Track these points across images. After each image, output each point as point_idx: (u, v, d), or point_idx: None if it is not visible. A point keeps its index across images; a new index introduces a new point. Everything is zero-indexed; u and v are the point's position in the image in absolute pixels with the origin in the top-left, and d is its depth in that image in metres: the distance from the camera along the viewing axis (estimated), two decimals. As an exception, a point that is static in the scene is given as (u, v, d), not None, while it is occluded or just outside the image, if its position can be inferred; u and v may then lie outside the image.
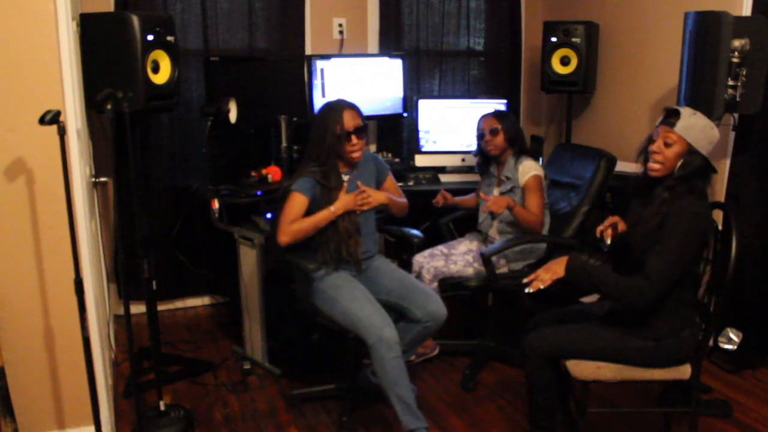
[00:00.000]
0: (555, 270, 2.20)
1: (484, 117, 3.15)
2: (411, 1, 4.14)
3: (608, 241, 2.30)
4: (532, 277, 2.22)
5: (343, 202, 2.56)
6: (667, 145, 2.14)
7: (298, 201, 2.53)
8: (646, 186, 2.24)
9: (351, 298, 2.50)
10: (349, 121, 2.55)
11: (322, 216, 2.54)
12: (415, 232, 2.97)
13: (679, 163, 2.13)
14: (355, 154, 2.59)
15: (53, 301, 2.33)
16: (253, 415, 2.79)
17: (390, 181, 2.83)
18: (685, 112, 2.14)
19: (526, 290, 2.20)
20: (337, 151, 2.57)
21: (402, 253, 3.50)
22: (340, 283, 2.56)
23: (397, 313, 2.60)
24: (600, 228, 2.34)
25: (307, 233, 2.54)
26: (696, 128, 2.12)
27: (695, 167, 2.11)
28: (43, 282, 2.32)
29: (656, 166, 2.16)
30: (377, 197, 2.65)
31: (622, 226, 2.33)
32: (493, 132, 3.07)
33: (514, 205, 2.92)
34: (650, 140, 2.19)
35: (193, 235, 3.76)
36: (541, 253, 3.08)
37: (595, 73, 3.93)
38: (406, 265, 3.07)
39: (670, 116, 2.16)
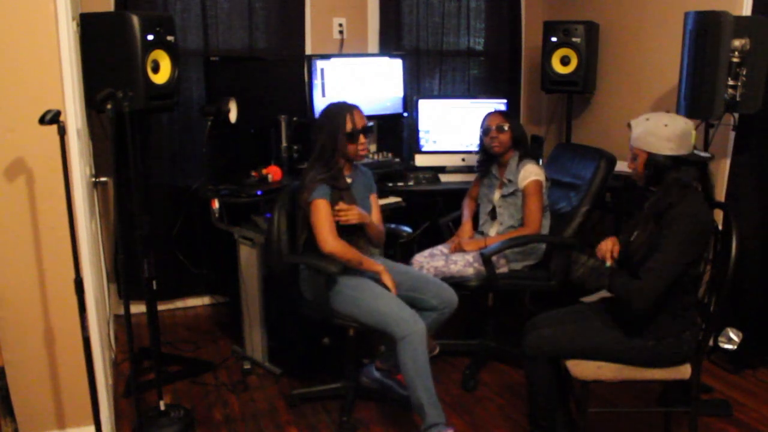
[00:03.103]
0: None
1: (491, 114, 3.15)
2: (411, 1, 4.13)
3: (609, 263, 2.31)
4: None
5: (389, 275, 2.58)
6: (633, 159, 2.21)
7: (326, 207, 2.55)
8: (641, 196, 2.28)
9: (374, 296, 2.51)
10: (359, 120, 2.61)
11: (368, 265, 2.58)
12: (405, 228, 2.97)
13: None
14: (363, 152, 2.63)
15: (53, 301, 2.33)
16: (253, 415, 2.79)
17: (374, 199, 2.84)
18: (636, 121, 2.20)
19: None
20: (345, 152, 2.59)
21: (388, 249, 3.48)
22: (358, 283, 2.57)
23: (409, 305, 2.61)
24: (601, 250, 2.33)
25: (350, 260, 2.54)
26: (644, 133, 2.15)
27: (655, 169, 2.14)
28: (43, 282, 2.32)
29: (635, 177, 2.25)
30: (360, 216, 2.62)
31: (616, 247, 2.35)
32: (500, 129, 3.07)
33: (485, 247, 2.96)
34: None
35: (193, 235, 3.75)
36: (541, 254, 3.08)
37: (595, 73, 3.93)
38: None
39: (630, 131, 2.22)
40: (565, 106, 4.10)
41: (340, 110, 2.62)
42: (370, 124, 2.65)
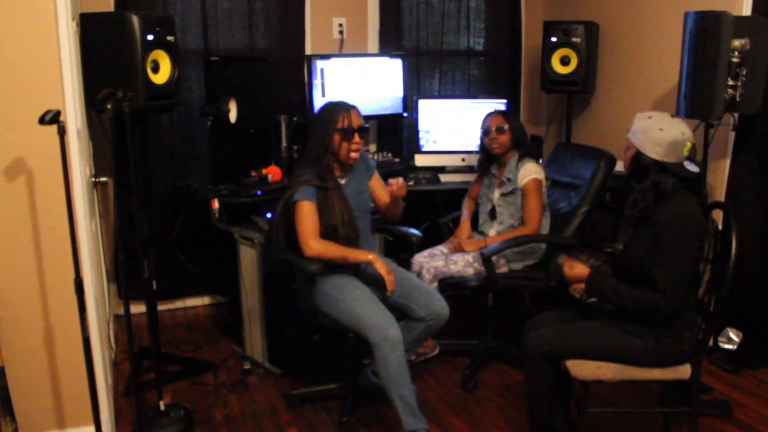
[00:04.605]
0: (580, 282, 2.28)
1: (492, 114, 3.15)
2: (411, 1, 4.13)
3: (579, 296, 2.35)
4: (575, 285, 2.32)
5: (382, 263, 2.53)
6: (626, 149, 2.23)
7: (309, 209, 2.53)
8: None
9: (354, 298, 2.50)
10: (355, 119, 2.58)
11: (356, 256, 2.54)
12: (414, 231, 2.97)
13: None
14: (354, 154, 2.60)
15: (53, 301, 2.33)
16: (253, 415, 2.79)
17: (377, 178, 2.82)
18: (640, 115, 2.21)
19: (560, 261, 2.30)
20: (335, 150, 2.58)
21: (401, 252, 3.50)
22: (343, 283, 2.56)
23: (399, 312, 2.60)
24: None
25: (333, 259, 2.53)
26: (639, 130, 2.17)
27: (639, 167, 2.17)
28: (43, 282, 2.32)
29: (623, 167, 2.30)
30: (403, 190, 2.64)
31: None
32: (500, 130, 3.07)
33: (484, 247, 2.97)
34: None
35: (193, 235, 3.75)
36: (542, 253, 3.08)
37: (595, 73, 3.93)
38: (405, 265, 3.07)
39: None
40: (565, 106, 4.10)
41: (335, 108, 2.60)
42: (367, 125, 2.64)
